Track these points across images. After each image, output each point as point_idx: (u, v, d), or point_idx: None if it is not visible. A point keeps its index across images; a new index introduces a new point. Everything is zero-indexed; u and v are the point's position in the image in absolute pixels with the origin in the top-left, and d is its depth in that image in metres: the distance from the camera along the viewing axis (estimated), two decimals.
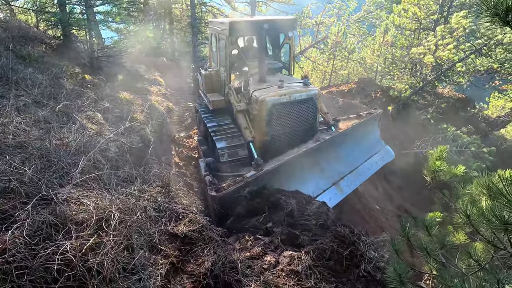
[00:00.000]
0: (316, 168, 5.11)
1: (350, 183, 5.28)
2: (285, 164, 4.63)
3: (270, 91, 5.36)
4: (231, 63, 6.25)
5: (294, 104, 5.38)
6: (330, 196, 4.86)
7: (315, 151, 4.99)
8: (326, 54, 15.58)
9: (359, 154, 5.79)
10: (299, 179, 4.79)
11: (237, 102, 5.96)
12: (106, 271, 1.65)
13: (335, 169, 5.29)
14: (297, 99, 5.36)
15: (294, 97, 5.33)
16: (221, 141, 5.67)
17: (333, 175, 5.21)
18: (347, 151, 5.58)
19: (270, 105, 5.21)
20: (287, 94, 5.29)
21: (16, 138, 2.63)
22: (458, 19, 9.13)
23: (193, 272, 2.08)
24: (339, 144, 5.48)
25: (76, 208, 1.98)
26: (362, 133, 6.00)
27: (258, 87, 5.60)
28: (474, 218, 2.24)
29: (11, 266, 1.48)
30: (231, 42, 5.79)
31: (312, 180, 4.94)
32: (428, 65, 10.33)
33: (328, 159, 5.26)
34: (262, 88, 5.56)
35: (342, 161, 5.45)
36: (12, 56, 4.65)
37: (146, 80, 9.28)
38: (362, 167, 5.66)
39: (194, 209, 2.51)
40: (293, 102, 5.35)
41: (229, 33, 5.68)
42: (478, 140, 9.26)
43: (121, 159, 3.45)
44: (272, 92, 5.31)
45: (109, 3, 7.00)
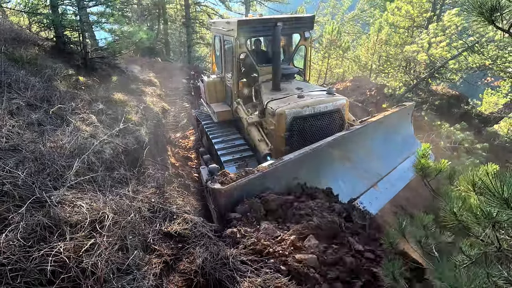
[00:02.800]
0: (348, 163, 4.25)
1: (390, 186, 4.37)
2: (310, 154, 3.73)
3: (288, 102, 4.56)
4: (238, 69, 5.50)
5: (318, 116, 4.53)
6: (369, 200, 4.02)
7: (347, 141, 4.18)
8: (321, 53, 15.64)
9: (394, 151, 4.96)
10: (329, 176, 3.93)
11: (247, 114, 5.16)
12: (100, 271, 1.67)
13: (370, 167, 4.41)
14: (322, 111, 4.53)
15: (318, 108, 4.50)
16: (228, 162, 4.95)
17: (369, 175, 4.33)
18: (380, 146, 4.77)
19: (291, 119, 4.37)
20: (310, 105, 4.47)
21: (10, 141, 2.63)
22: (451, 17, 9.23)
23: (185, 270, 2.10)
24: (372, 136, 4.68)
25: (70, 210, 2.00)
26: (394, 126, 5.21)
27: (273, 97, 4.81)
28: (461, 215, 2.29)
29: (5, 269, 1.49)
30: (240, 44, 5.08)
31: (346, 178, 4.07)
32: (422, 62, 10.43)
33: (362, 154, 4.43)
34: (278, 98, 4.74)
35: (376, 157, 4.60)
36: (4, 59, 4.63)
37: (141, 81, 9.26)
38: (401, 167, 4.75)
39: (188, 209, 2.53)
40: (318, 114, 4.51)
41: (237, 34, 4.96)
42: (472, 136, 9.38)
43: (115, 161, 3.46)
44: (292, 103, 4.50)
45: (102, 4, 6.97)
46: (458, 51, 9.64)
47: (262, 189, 3.24)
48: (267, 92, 5.10)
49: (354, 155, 4.36)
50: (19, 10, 6.96)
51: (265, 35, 5.69)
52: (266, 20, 5.18)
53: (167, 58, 18.04)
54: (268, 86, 5.23)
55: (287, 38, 6.31)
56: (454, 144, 9.36)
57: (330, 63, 15.31)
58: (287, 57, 6.42)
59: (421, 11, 12.30)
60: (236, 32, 4.99)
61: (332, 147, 4.02)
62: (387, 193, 4.36)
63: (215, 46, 6.70)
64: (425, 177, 3.20)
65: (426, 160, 3.20)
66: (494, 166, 2.61)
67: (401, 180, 4.63)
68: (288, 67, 5.88)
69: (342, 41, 14.35)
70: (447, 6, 12.35)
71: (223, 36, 5.79)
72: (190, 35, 15.80)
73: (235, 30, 4.98)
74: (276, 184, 3.41)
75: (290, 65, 6.26)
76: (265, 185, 3.31)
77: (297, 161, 3.60)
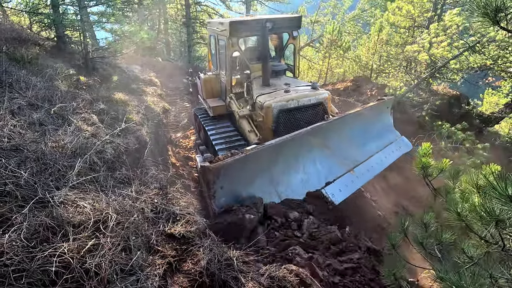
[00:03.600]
0: (327, 150, 4.63)
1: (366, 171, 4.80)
2: (290, 140, 4.10)
3: (275, 96, 5.01)
4: (232, 66, 5.89)
5: (303, 109, 5.00)
6: (346, 184, 4.46)
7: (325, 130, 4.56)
8: (321, 53, 15.63)
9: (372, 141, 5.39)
10: (308, 160, 4.36)
11: (239, 108, 5.64)
12: (104, 272, 1.67)
13: (348, 155, 4.82)
14: (306, 104, 5.00)
15: (302, 102, 4.96)
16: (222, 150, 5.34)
17: (346, 161, 4.74)
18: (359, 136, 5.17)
19: (277, 111, 4.83)
20: (295, 99, 4.93)
21: (11, 141, 2.62)
22: (452, 17, 9.22)
23: (190, 271, 2.10)
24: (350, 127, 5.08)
25: (72, 210, 1.99)
26: (374, 118, 5.60)
27: (262, 92, 5.25)
28: (465, 215, 2.29)
29: (8, 269, 1.49)
30: (232, 43, 5.42)
31: (324, 163, 4.50)
32: (423, 62, 10.42)
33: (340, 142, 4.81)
34: (266, 92, 5.20)
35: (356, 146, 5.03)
36: (5, 59, 4.62)
37: (142, 81, 9.25)
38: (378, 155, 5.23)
39: (191, 210, 2.52)
40: (302, 107, 4.99)
41: (230, 34, 5.31)
42: (473, 136, 9.37)
43: (117, 161, 3.45)
44: (278, 97, 4.95)
45: (102, 4, 6.97)
46: (459, 51, 9.63)
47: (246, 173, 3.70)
48: (258, 87, 5.48)
49: (332, 142, 4.74)
50: (20, 10, 6.95)
51: (256, 34, 6.02)
52: (256, 20, 5.47)
53: (167, 57, 18.03)
54: (259, 82, 5.61)
55: (278, 37, 6.66)
56: (455, 144, 9.36)
57: (330, 63, 15.30)
58: (278, 55, 6.82)
59: (422, 11, 12.28)
60: (228, 32, 5.32)
61: (311, 135, 4.38)
62: (362, 178, 4.76)
63: (211, 45, 6.99)
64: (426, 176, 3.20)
65: (427, 159, 3.20)
66: (496, 166, 2.61)
67: (377, 166, 5.09)
68: (278, 64, 6.30)
69: (343, 41, 14.33)
70: (448, 6, 12.33)
71: (217, 36, 6.12)
72: (191, 34, 15.79)
73: (228, 31, 5.32)
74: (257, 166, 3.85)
75: (281, 62, 6.66)
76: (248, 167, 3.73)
77: (277, 146, 3.99)
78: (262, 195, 3.75)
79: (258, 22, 5.35)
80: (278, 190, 4.03)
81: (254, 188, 3.83)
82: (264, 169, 3.95)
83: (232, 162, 3.55)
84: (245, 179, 3.77)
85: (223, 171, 3.47)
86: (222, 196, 3.56)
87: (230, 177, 3.58)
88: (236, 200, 3.62)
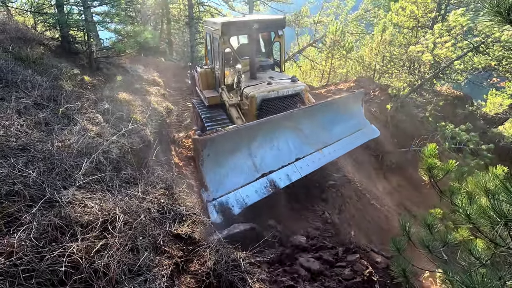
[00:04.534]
0: (299, 132, 5.39)
1: (331, 152, 5.58)
2: (267, 122, 4.88)
3: (260, 88, 5.71)
4: (225, 61, 6.56)
5: (282, 99, 5.74)
6: (313, 160, 5.24)
7: (297, 116, 5.29)
8: (324, 53, 15.59)
9: (342, 127, 6.05)
10: (281, 139, 5.15)
11: (229, 98, 6.33)
12: (112, 272, 1.66)
13: (318, 138, 5.56)
14: (285, 94, 5.73)
15: (282, 92, 5.70)
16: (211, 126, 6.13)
17: (316, 143, 5.47)
18: (330, 122, 5.88)
19: (260, 101, 5.57)
20: (276, 90, 5.66)
21: (18, 141, 2.63)
22: (456, 17, 9.17)
23: (197, 272, 2.09)
24: (322, 114, 5.76)
25: (80, 210, 1.99)
26: (345, 108, 6.29)
27: (249, 84, 5.93)
28: (474, 216, 2.26)
29: (18, 269, 1.49)
30: (224, 41, 6.05)
31: (296, 143, 5.27)
32: (426, 63, 10.37)
33: (311, 127, 5.54)
34: (252, 84, 5.89)
35: (325, 131, 5.71)
36: (11, 58, 4.64)
37: (145, 81, 9.25)
38: (345, 140, 5.92)
39: (197, 211, 2.52)
40: (281, 97, 5.73)
41: (222, 33, 5.92)
42: (477, 137, 9.31)
43: (122, 161, 3.45)
44: (262, 88, 5.66)
45: (107, 4, 6.98)
46: (463, 51, 9.57)
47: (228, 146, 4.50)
48: (246, 80, 6.17)
49: (304, 127, 5.45)
50: (24, 9, 6.98)
51: (244, 34, 6.71)
52: (245, 21, 6.11)
53: (170, 58, 18.06)
54: (248, 76, 6.29)
55: (267, 35, 7.34)
56: (458, 145, 9.30)
57: (333, 63, 15.26)
58: (266, 51, 7.54)
59: (425, 11, 12.23)
60: (220, 31, 5.93)
61: (285, 119, 5.11)
62: (329, 156, 5.51)
63: (207, 41, 7.70)
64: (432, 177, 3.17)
65: (433, 160, 3.17)
66: (502, 167, 2.59)
67: (344, 148, 5.85)
68: (265, 60, 7.03)
69: (346, 41, 14.29)
70: (452, 6, 12.27)
71: (212, 34, 6.76)
72: (193, 35, 15.80)
73: (220, 30, 5.93)
74: (238, 142, 4.64)
75: (269, 58, 7.36)
76: (231, 141, 4.54)
77: (254, 127, 4.82)
78: (242, 165, 4.61)
79: (247, 22, 6.00)
80: (255, 162, 4.79)
81: (235, 158, 4.60)
82: (244, 145, 4.74)
83: (216, 136, 4.34)
84: (227, 151, 4.53)
85: (209, 142, 4.26)
86: (209, 162, 4.28)
87: (215, 148, 4.33)
88: (220, 166, 4.41)
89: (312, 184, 6.36)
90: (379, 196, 8.53)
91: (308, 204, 5.80)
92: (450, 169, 3.08)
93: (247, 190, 4.39)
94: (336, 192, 6.42)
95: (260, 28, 6.13)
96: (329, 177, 6.84)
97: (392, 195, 9.43)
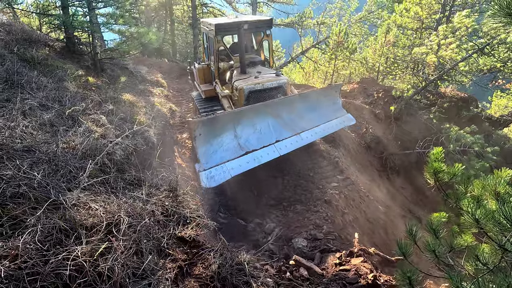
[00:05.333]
0: (279, 119, 6.13)
1: (307, 137, 6.27)
2: (250, 109, 5.72)
3: (248, 81, 6.37)
4: (219, 58, 7.34)
5: (267, 91, 6.40)
6: (291, 142, 5.94)
7: (277, 104, 6.04)
8: (327, 54, 15.55)
9: (319, 115, 6.77)
10: (266, 124, 5.93)
11: (222, 90, 7.09)
12: (117, 276, 1.65)
13: (297, 123, 6.29)
14: (269, 87, 6.38)
15: (267, 85, 6.34)
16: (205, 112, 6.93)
17: (295, 128, 6.21)
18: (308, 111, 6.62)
19: (247, 92, 6.23)
20: (261, 83, 6.31)
21: (23, 142, 2.63)
22: (461, 19, 9.10)
23: (201, 275, 2.08)
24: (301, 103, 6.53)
25: (85, 212, 1.98)
26: (323, 99, 7.04)
27: (239, 78, 6.61)
28: (482, 221, 2.22)
29: (23, 272, 1.48)
30: (217, 40, 6.80)
31: (276, 128, 6.04)
32: (431, 64, 10.30)
33: (291, 114, 6.29)
34: (242, 78, 6.56)
35: (303, 118, 6.46)
36: (16, 59, 4.66)
37: (149, 82, 9.29)
38: (322, 127, 6.60)
39: (201, 213, 2.51)
40: (266, 89, 6.38)
41: (215, 33, 6.63)
42: (482, 139, 9.22)
43: (126, 162, 3.45)
44: (249, 82, 6.32)
45: (111, 6, 7.01)
46: (468, 53, 9.50)
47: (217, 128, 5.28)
48: (237, 74, 6.83)
49: (285, 114, 6.18)
50: (30, 11, 7.03)
51: (235, 33, 7.33)
52: (236, 22, 6.71)
53: (173, 58, 18.12)
54: (239, 70, 6.92)
55: (257, 34, 7.93)
56: (463, 148, 9.22)
57: (337, 64, 15.22)
58: (257, 49, 8.18)
59: (430, 12, 12.16)
60: (214, 32, 6.60)
61: (266, 107, 5.85)
62: (306, 139, 6.16)
63: (203, 40, 8.46)
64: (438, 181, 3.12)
65: (439, 164, 3.13)
66: (508, 170, 2.55)
67: (321, 133, 6.51)
68: (255, 56, 7.67)
69: (349, 42, 14.25)
70: (456, 7, 12.18)
71: (208, 33, 7.48)
72: (197, 36, 15.83)
73: (214, 30, 6.59)
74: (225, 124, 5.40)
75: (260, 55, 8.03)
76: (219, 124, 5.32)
77: (239, 112, 5.65)
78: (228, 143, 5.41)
79: (238, 23, 6.62)
80: (240, 142, 5.58)
81: (223, 138, 5.40)
82: (230, 127, 5.51)
83: (206, 119, 5.17)
84: (216, 132, 5.31)
85: (200, 124, 5.04)
86: (201, 140, 5.10)
87: (205, 129, 5.12)
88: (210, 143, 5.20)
89: (316, 186, 6.34)
90: (382, 198, 8.47)
91: (311, 206, 5.78)
92: (456, 173, 3.04)
93: (232, 164, 5.19)
94: (339, 194, 6.38)
95: (249, 28, 6.79)
96: (332, 179, 6.80)
97: (395, 197, 9.36)
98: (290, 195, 6.17)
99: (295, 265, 3.53)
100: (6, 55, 4.73)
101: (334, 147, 8.42)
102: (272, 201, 6.11)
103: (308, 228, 5.16)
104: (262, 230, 5.25)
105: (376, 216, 6.87)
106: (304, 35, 18.65)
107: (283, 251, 4.48)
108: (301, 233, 5.05)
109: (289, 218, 5.54)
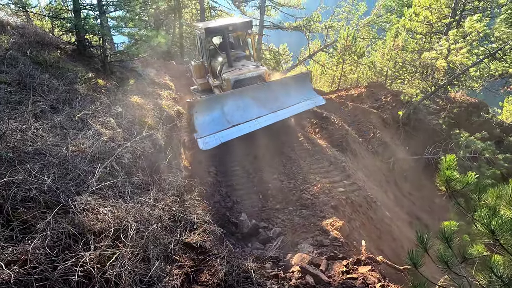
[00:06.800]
0: (258, 101, 7.55)
1: (283, 114, 7.60)
2: (234, 93, 7.31)
3: (233, 73, 7.81)
4: (210, 56, 8.89)
5: (249, 79, 7.76)
6: (266, 119, 7.23)
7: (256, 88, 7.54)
8: (335, 58, 15.49)
9: (293, 97, 8.09)
10: (247, 104, 7.38)
11: (213, 81, 8.62)
12: (124, 282, 1.65)
13: (273, 104, 7.69)
14: (250, 76, 7.79)
15: (248, 75, 7.78)
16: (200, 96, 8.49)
17: (272, 107, 7.58)
18: (283, 93, 7.97)
19: (233, 82, 7.63)
20: (244, 73, 7.77)
21: (34, 145, 2.67)
22: (472, 23, 8.97)
23: (207, 282, 2.06)
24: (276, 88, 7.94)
25: (93, 217, 1.99)
26: (296, 84, 8.38)
27: (227, 70, 8.04)
28: (498, 232, 2.16)
29: (32, 278, 1.49)
30: (207, 41, 8.47)
31: (255, 107, 7.43)
32: (441, 69, 10.16)
33: (267, 97, 7.68)
34: (229, 71, 7.99)
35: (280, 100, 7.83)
36: (29, 62, 4.75)
37: (157, 84, 9.35)
38: (295, 106, 7.92)
39: (208, 219, 2.49)
40: (248, 78, 7.76)
41: (205, 35, 8.07)
42: (492, 146, 9.04)
43: (134, 166, 3.47)
44: (234, 73, 7.79)
45: (122, 9, 7.10)
46: (478, 58, 9.34)
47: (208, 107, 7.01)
48: (225, 68, 8.22)
49: (262, 96, 7.62)
50: (43, 14, 7.16)
51: (222, 34, 8.52)
52: (222, 25, 8.14)
53: (181, 61, 18.26)
54: (227, 65, 8.26)
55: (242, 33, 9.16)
56: (474, 154, 9.05)
57: (344, 68, 15.13)
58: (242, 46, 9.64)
59: (440, 16, 12.03)
60: (204, 34, 8.03)
61: (247, 91, 7.39)
62: (282, 115, 7.56)
63: (197, 41, 9.97)
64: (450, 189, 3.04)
65: (451, 172, 3.05)
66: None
67: (295, 110, 7.87)
68: (240, 52, 9.03)
69: (357, 46, 14.16)
70: (467, 11, 12.02)
71: (199, 35, 8.94)
72: None
73: (204, 32, 7.99)
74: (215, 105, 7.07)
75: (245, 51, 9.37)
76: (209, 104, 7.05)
77: (224, 95, 7.31)
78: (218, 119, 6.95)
79: (223, 26, 8.06)
80: (227, 118, 7.04)
81: (213, 115, 6.97)
82: (219, 107, 7.08)
83: (199, 100, 7.09)
84: (208, 110, 6.92)
85: (196, 104, 6.84)
86: (197, 117, 6.71)
87: (200, 108, 6.80)
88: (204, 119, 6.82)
89: (322, 191, 6.28)
90: (390, 204, 8.35)
91: (318, 211, 5.72)
92: (470, 181, 2.97)
93: (222, 133, 6.66)
94: (346, 200, 6.31)
95: (233, 30, 8.18)
96: (339, 183, 6.74)
97: (403, 203, 9.22)
98: (296, 200, 6.13)
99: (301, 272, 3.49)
100: (19, 57, 4.82)
101: (341, 151, 8.36)
102: (277, 205, 6.08)
103: (314, 233, 5.10)
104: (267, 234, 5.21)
105: (383, 222, 6.77)
106: (312, 38, 18.62)
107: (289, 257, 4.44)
108: (307, 238, 5.00)
109: (295, 223, 5.49)
